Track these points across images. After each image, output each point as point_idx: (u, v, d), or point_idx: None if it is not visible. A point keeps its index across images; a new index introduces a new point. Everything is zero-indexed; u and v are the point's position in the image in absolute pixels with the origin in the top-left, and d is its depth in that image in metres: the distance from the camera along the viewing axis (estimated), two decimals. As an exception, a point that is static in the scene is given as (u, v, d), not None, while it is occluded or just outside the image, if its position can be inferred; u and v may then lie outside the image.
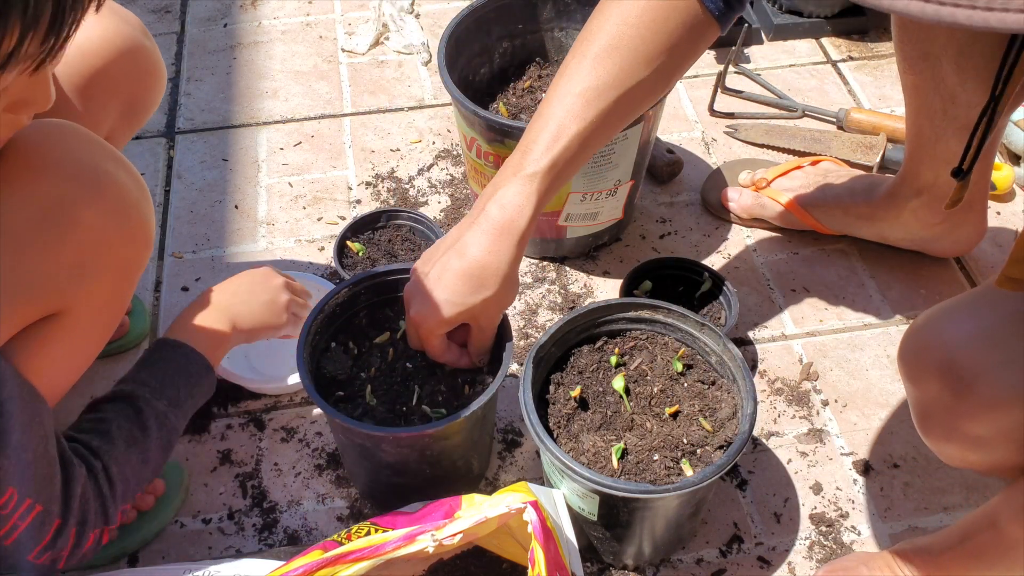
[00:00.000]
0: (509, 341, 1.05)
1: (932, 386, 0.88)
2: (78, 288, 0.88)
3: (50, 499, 0.85)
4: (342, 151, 1.58)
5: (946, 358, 0.87)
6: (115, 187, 0.89)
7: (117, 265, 0.92)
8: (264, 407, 1.24)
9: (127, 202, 0.90)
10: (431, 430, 0.98)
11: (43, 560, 0.87)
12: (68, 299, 0.88)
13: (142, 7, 1.86)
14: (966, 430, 0.86)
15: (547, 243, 1.38)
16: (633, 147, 1.26)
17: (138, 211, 0.91)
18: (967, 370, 0.85)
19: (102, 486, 0.91)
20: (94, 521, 0.89)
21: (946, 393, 0.86)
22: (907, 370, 0.92)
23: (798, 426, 1.22)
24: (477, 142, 1.27)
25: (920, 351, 0.91)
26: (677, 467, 0.99)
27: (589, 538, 1.06)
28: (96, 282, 0.90)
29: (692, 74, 1.71)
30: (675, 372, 1.07)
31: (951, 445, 0.89)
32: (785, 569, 1.09)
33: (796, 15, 1.78)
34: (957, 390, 0.85)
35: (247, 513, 1.14)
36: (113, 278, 0.92)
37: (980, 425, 0.85)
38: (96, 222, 0.86)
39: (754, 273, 1.39)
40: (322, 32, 1.81)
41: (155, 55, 1.12)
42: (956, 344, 0.87)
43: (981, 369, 0.84)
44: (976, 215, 1.30)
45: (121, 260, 0.92)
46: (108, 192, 0.88)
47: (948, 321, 0.89)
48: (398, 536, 0.86)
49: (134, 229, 0.91)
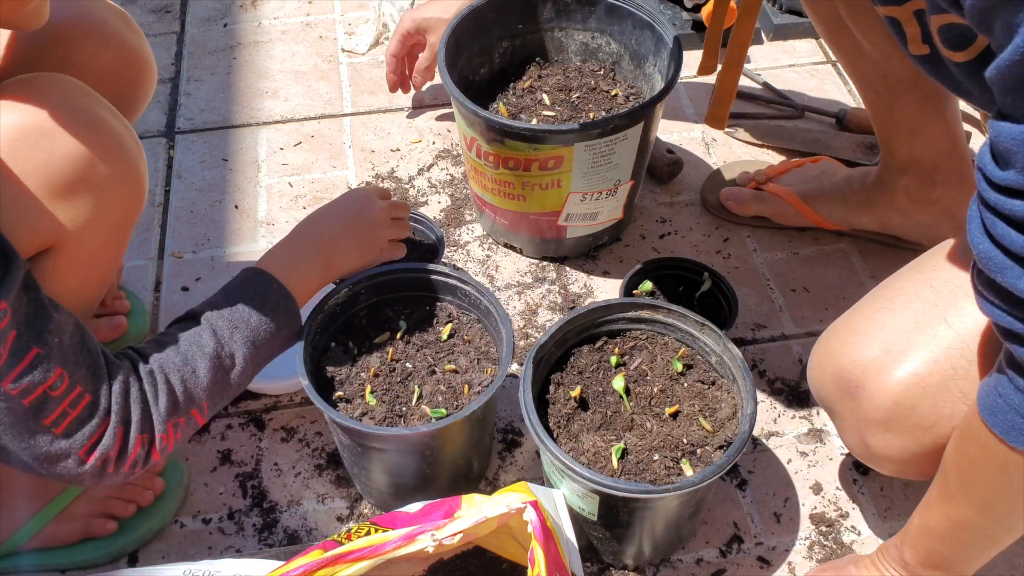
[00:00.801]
0: (509, 341, 1.05)
1: (834, 398, 0.95)
2: (70, 222, 0.89)
3: (97, 390, 0.86)
4: (342, 151, 1.58)
5: (833, 367, 0.94)
6: (108, 130, 0.90)
7: (109, 208, 0.92)
8: (264, 407, 1.24)
9: (120, 145, 0.91)
10: (431, 430, 0.98)
11: (93, 459, 0.87)
12: (60, 233, 0.89)
13: (142, 7, 1.86)
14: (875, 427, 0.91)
15: (547, 243, 1.38)
16: (633, 147, 1.26)
17: (131, 156, 0.93)
18: (853, 370, 0.92)
19: (148, 390, 0.91)
20: (140, 424, 0.89)
21: (847, 400, 0.93)
22: (815, 392, 1.00)
23: (798, 426, 1.22)
24: (477, 142, 1.27)
25: (815, 370, 0.99)
26: (677, 467, 0.99)
27: (589, 538, 1.06)
28: (89, 221, 0.90)
29: (692, 74, 1.71)
30: (675, 372, 1.07)
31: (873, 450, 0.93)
32: (785, 569, 1.09)
33: (796, 15, 1.78)
34: (852, 392, 0.92)
35: (247, 513, 1.14)
36: (105, 222, 0.92)
37: (886, 416, 0.90)
38: (86, 157, 0.88)
39: (754, 273, 1.39)
40: (322, 32, 1.81)
41: (142, 49, 1.10)
42: (837, 352, 0.95)
43: (864, 364, 0.91)
44: (969, 193, 1.29)
45: (113, 203, 0.92)
46: (101, 132, 0.90)
47: (830, 335, 0.98)
48: (398, 536, 0.86)
49: (127, 172, 0.92)
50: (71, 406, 0.85)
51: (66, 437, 0.85)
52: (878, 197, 1.33)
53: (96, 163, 0.89)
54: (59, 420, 0.84)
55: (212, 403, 0.96)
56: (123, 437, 0.88)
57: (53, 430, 0.84)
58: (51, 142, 0.87)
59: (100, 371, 0.87)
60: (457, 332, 1.12)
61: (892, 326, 0.92)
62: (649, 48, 1.36)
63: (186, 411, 0.93)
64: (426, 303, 1.14)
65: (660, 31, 1.33)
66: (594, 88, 1.39)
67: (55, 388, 0.83)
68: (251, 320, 0.98)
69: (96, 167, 0.89)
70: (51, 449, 0.85)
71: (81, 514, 1.07)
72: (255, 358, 0.99)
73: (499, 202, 1.33)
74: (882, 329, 0.92)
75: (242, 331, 0.97)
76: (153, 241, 1.44)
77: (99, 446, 0.87)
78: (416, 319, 1.13)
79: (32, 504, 1.05)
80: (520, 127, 1.21)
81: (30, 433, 0.83)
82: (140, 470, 0.91)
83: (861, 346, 0.93)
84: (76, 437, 0.86)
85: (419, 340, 1.11)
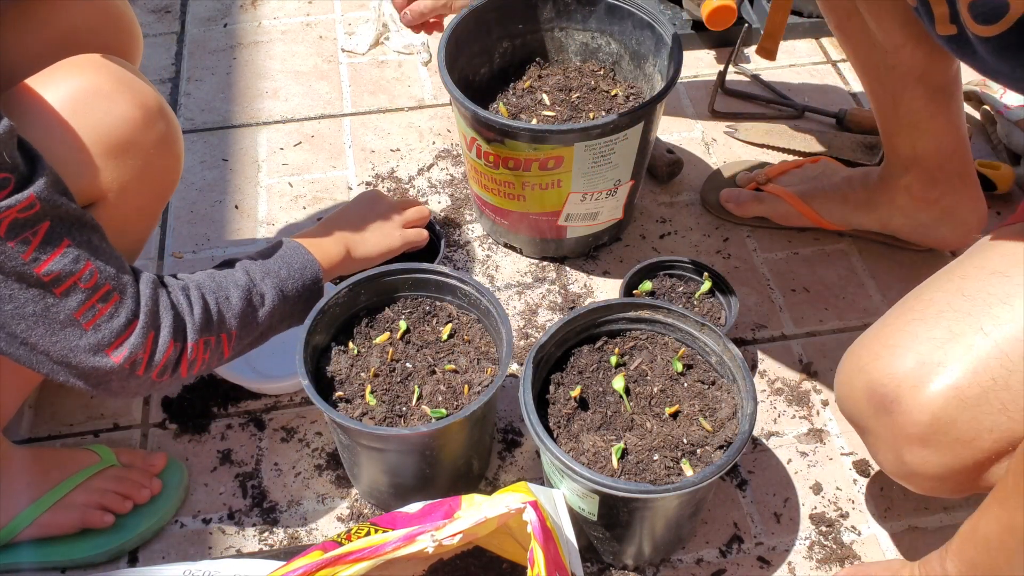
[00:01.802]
0: (509, 341, 1.05)
1: (867, 414, 0.91)
2: (116, 181, 0.97)
3: (125, 290, 0.88)
4: (342, 151, 1.58)
5: (866, 382, 0.91)
6: (148, 94, 0.99)
7: (152, 172, 1.00)
8: (264, 407, 1.24)
9: (167, 115, 1.00)
10: (431, 430, 0.98)
11: (121, 359, 0.88)
12: (106, 189, 0.96)
13: (142, 7, 1.86)
14: (912, 443, 0.87)
15: (547, 243, 1.38)
16: (633, 147, 1.26)
17: (174, 127, 1.02)
18: (888, 384, 0.88)
19: (182, 301, 0.94)
20: (171, 332, 0.91)
21: (881, 415, 0.89)
22: (844, 409, 0.97)
23: (798, 426, 1.22)
24: (477, 142, 1.27)
25: (844, 386, 0.95)
26: (677, 467, 0.99)
27: (589, 538, 1.06)
28: (132, 181, 0.98)
29: (692, 74, 1.71)
30: (675, 372, 1.07)
31: (909, 467, 0.90)
32: (785, 569, 1.09)
33: (796, 15, 1.78)
34: (887, 407, 0.89)
35: (247, 513, 1.14)
36: (147, 185, 1.01)
37: (925, 431, 0.86)
38: (138, 121, 0.96)
39: (754, 273, 1.39)
40: (322, 32, 1.81)
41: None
42: (869, 366, 0.91)
43: (900, 377, 0.88)
44: (970, 194, 1.30)
45: (156, 168, 1.00)
46: (152, 101, 0.99)
47: (860, 348, 0.95)
48: (398, 536, 0.86)
49: (170, 138, 1.01)
50: (101, 301, 0.87)
51: (95, 332, 0.87)
52: (879, 196, 1.33)
53: (146, 128, 0.97)
54: (89, 314, 0.86)
55: (240, 335, 1.00)
56: (154, 341, 0.90)
57: (83, 324, 0.86)
58: (109, 104, 0.95)
59: (128, 276, 0.90)
60: (457, 332, 1.12)
61: (926, 337, 0.88)
62: (649, 48, 1.36)
63: (217, 331, 0.97)
64: (426, 303, 1.14)
65: (660, 31, 1.33)
66: (594, 88, 1.39)
67: (85, 280, 0.85)
68: (280, 272, 1.05)
69: (146, 131, 0.97)
70: (80, 343, 0.86)
71: (79, 503, 1.07)
72: (282, 306, 1.04)
73: (499, 202, 1.33)
74: (916, 340, 0.89)
75: (272, 278, 1.03)
76: (153, 241, 1.44)
77: (127, 344, 0.88)
78: (416, 319, 1.13)
79: (32, 491, 1.06)
80: (520, 127, 1.21)
81: (60, 326, 0.85)
82: (168, 378, 0.93)
83: (895, 359, 0.89)
84: (104, 332, 0.87)
85: (419, 340, 1.11)
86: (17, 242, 0.81)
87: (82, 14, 1.07)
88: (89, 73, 0.96)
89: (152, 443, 1.20)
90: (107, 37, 1.09)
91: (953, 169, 1.27)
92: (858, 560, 1.10)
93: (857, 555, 1.10)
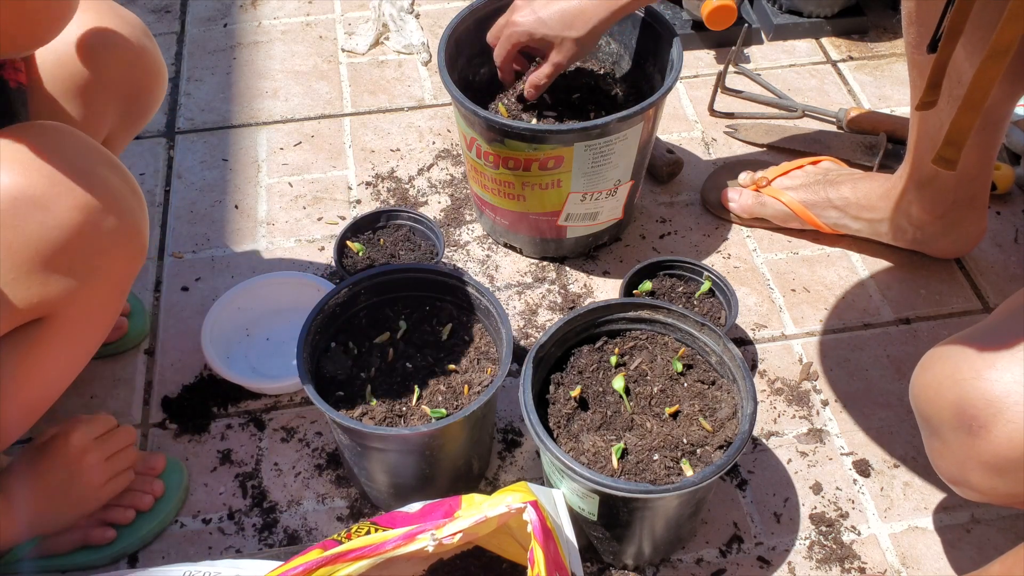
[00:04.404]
0: (509, 341, 1.05)
1: (947, 425, 0.86)
2: (65, 291, 0.86)
3: None
4: (342, 151, 1.58)
5: (958, 396, 0.84)
6: (107, 191, 0.86)
7: (107, 272, 0.89)
8: (264, 407, 1.24)
9: (120, 207, 0.88)
10: (431, 430, 0.98)
11: None
12: (55, 303, 0.86)
13: (142, 7, 1.86)
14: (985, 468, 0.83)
15: (547, 243, 1.38)
16: (633, 147, 1.26)
17: (131, 217, 0.89)
18: (982, 407, 0.83)
19: None
20: None
21: (961, 432, 0.84)
22: (919, 407, 0.91)
23: (798, 426, 1.22)
24: (477, 142, 1.27)
25: (929, 388, 0.89)
26: (677, 467, 0.99)
27: (589, 538, 1.06)
28: (85, 287, 0.87)
29: (692, 74, 1.71)
30: (675, 372, 1.07)
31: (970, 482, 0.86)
32: (785, 569, 1.09)
33: (796, 15, 1.78)
34: (973, 429, 0.83)
35: (247, 513, 1.14)
36: (103, 285, 0.90)
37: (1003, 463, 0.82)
38: (85, 225, 0.84)
39: (754, 273, 1.39)
40: (322, 32, 1.81)
41: (156, 56, 1.11)
42: (967, 381, 0.84)
43: (998, 405, 0.82)
44: (976, 212, 1.30)
45: (111, 267, 0.89)
46: (99, 195, 0.85)
47: (959, 356, 0.87)
48: (398, 535, 0.86)
49: (126, 235, 0.89)
50: None
51: None
52: (884, 204, 1.32)
53: (93, 230, 0.85)
54: None
55: None
56: None
57: None
58: (44, 213, 0.82)
59: None
60: (457, 332, 1.12)
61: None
62: (649, 48, 1.36)
63: None
64: (426, 303, 1.14)
65: (660, 31, 1.33)
66: (594, 88, 1.39)
67: None
68: None
69: (93, 234, 0.85)
70: None
71: (81, 524, 1.06)
72: None
73: (499, 202, 1.33)
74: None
75: None
76: (153, 241, 1.44)
77: None
78: (416, 319, 1.13)
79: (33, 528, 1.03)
80: (520, 127, 1.21)
81: None
82: None
83: (997, 384, 0.82)
84: None
85: (419, 340, 1.11)
86: None
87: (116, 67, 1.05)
88: (25, 173, 0.82)
89: (152, 443, 1.20)
90: (138, 87, 1.09)
91: (967, 192, 1.27)
92: (858, 560, 1.10)
93: (857, 555, 1.10)
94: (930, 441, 0.91)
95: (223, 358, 1.23)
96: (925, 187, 1.27)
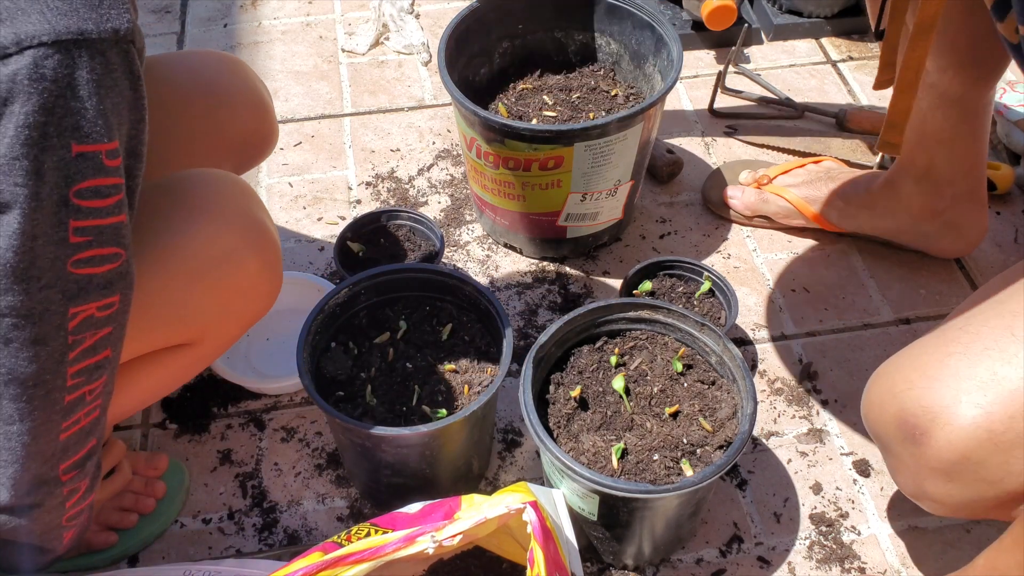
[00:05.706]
0: (509, 341, 1.05)
1: (894, 439, 0.89)
2: (216, 326, 0.97)
3: None
4: (342, 151, 1.58)
5: (897, 409, 0.88)
6: (272, 242, 0.97)
7: (251, 311, 1.00)
8: (264, 407, 1.24)
9: (278, 257, 0.98)
10: (431, 430, 0.98)
11: None
12: (204, 334, 0.97)
13: (142, 7, 1.86)
14: (936, 475, 0.86)
15: (547, 243, 1.38)
16: (633, 147, 1.26)
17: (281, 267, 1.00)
18: (920, 415, 0.86)
19: None
20: None
21: (908, 444, 0.87)
22: (870, 427, 0.95)
23: (798, 426, 1.22)
24: (477, 142, 1.27)
25: (874, 407, 0.93)
26: (677, 467, 0.99)
27: (589, 538, 1.06)
28: (230, 324, 0.99)
29: (692, 74, 1.71)
30: (675, 372, 1.07)
31: (928, 493, 0.89)
32: (785, 569, 1.09)
33: (796, 15, 1.78)
34: (916, 438, 0.86)
35: (247, 513, 1.14)
36: (242, 322, 1.00)
37: (950, 468, 0.84)
38: (254, 273, 0.95)
39: (754, 273, 1.39)
40: (322, 32, 1.81)
41: (272, 111, 1.17)
42: (903, 393, 0.88)
43: (934, 411, 0.85)
44: (977, 210, 1.30)
45: (255, 307, 1.00)
46: (267, 246, 0.96)
47: (895, 372, 0.92)
48: (398, 538, 0.86)
49: (276, 282, 1.00)
50: None
51: None
52: (884, 202, 1.33)
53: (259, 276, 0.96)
54: None
55: None
56: None
57: None
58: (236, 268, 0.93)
59: None
60: (457, 332, 1.12)
61: (967, 375, 0.84)
62: (649, 48, 1.36)
63: None
64: (426, 303, 1.14)
65: (660, 31, 1.33)
66: (594, 88, 1.39)
67: None
68: None
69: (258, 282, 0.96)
70: None
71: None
72: None
73: (499, 202, 1.33)
74: (955, 377, 0.85)
75: None
76: (153, 241, 1.44)
77: None
78: (416, 319, 1.13)
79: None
80: (520, 127, 1.21)
81: None
82: None
83: (931, 391, 0.86)
84: None
85: (419, 340, 1.11)
86: None
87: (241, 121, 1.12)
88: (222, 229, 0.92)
89: (152, 443, 1.20)
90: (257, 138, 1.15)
91: (964, 186, 1.27)
92: (858, 560, 1.10)
93: (857, 555, 1.10)
94: (887, 459, 0.94)
95: (223, 358, 1.23)
96: (921, 181, 1.27)
